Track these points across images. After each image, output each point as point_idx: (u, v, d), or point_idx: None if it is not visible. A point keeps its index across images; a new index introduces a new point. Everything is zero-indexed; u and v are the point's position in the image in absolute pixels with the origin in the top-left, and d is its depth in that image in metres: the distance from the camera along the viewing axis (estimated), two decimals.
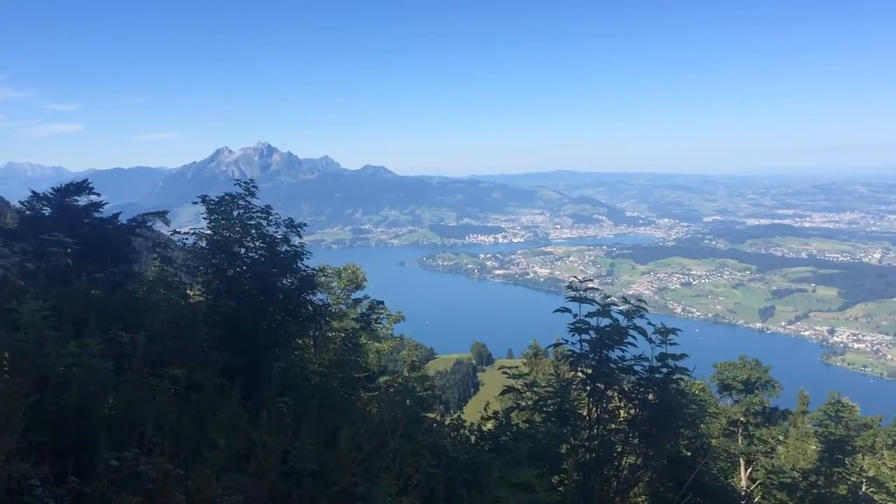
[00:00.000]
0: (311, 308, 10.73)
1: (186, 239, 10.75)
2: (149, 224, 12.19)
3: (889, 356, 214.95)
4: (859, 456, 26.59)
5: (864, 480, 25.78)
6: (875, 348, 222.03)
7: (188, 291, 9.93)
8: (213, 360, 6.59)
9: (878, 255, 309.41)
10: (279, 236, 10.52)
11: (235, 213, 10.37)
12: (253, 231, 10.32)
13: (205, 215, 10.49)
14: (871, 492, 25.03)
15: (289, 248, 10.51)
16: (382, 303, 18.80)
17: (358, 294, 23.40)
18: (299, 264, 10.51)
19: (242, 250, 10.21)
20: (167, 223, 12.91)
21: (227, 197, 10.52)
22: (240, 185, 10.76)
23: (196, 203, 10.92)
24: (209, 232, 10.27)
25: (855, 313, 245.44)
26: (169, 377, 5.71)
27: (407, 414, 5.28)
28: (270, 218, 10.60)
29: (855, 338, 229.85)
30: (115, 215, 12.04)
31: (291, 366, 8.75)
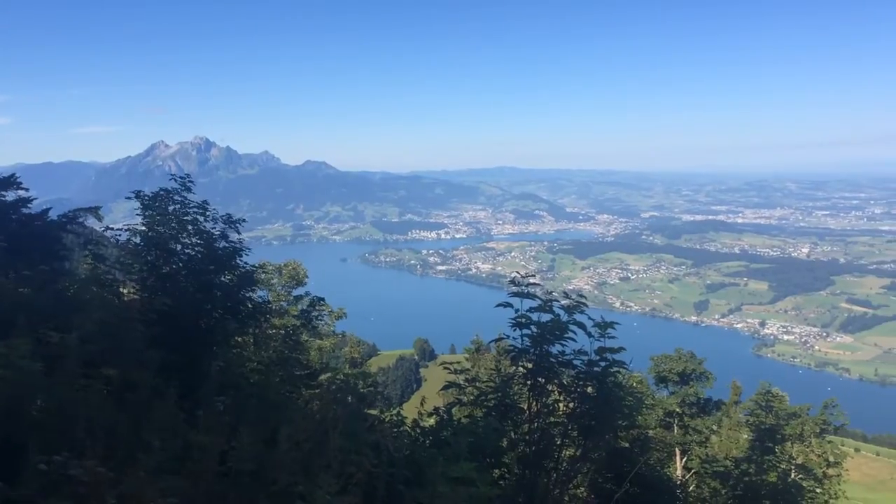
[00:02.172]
0: (250, 305, 10.56)
1: (120, 235, 10.47)
2: (80, 220, 11.81)
3: (817, 347, 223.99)
4: (788, 444, 27.61)
5: (793, 467, 26.77)
6: (803, 340, 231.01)
7: (122, 289, 9.66)
8: (148, 360, 6.43)
9: (806, 250, 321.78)
10: (217, 232, 10.32)
11: (171, 208, 10.14)
12: (189, 227, 10.08)
13: (139, 211, 10.23)
14: (800, 478, 26.02)
15: (227, 245, 10.31)
16: (323, 299, 18.63)
17: (299, 291, 23.15)
18: (238, 261, 10.33)
19: (179, 247, 9.98)
20: (100, 219, 12.53)
21: (161, 192, 10.27)
22: (175, 181, 10.52)
23: (130, 198, 10.62)
24: (144, 228, 10.02)
25: (784, 306, 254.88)
26: (102, 378, 5.55)
27: (348, 411, 5.26)
28: (207, 214, 10.37)
29: (784, 330, 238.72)
30: (45, 211, 11.62)
31: (230, 364, 8.60)
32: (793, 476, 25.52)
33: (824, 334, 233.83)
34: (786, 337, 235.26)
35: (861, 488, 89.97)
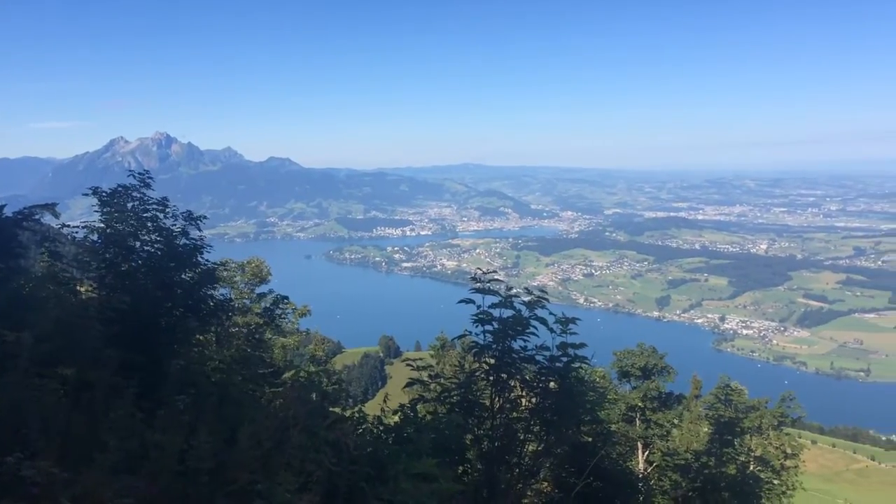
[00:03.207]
0: (212, 303, 10.45)
1: (77, 233, 10.27)
2: (37, 217, 11.55)
3: (775, 341, 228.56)
4: (747, 436, 28.16)
5: (751, 459, 27.32)
6: (762, 334, 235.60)
7: (79, 287, 9.48)
8: (106, 359, 6.33)
9: (764, 246, 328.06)
10: (177, 229, 10.18)
11: (130, 205, 9.98)
12: (149, 224, 9.94)
13: (97, 208, 10.04)
14: (758, 470, 26.56)
15: (188, 242, 10.19)
16: (287, 297, 18.49)
17: (263, 288, 22.92)
18: (199, 258, 10.21)
19: (137, 244, 9.83)
20: (57, 216, 12.26)
21: (120, 189, 10.11)
22: (134, 177, 10.36)
23: (87, 195, 10.43)
24: (102, 225, 9.84)
25: (743, 301, 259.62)
26: (58, 377, 5.45)
27: (309, 409, 5.23)
28: (167, 210, 10.24)
29: (743, 324, 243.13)
30: (0, 208, 11.35)
31: (191, 363, 8.51)
32: (751, 468, 26.03)
33: (782, 329, 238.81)
34: (745, 331, 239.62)
35: (818, 479, 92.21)
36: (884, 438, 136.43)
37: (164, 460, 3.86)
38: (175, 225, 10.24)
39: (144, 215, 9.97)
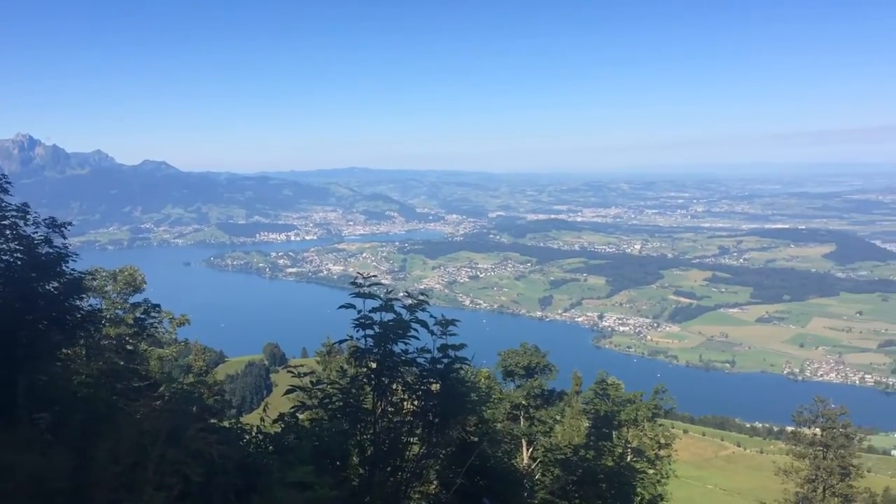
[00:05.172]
0: (79, 314, 9.95)
1: None
2: None
3: (649, 337, 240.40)
4: (624, 429, 29.46)
5: (628, 451, 28.58)
6: (637, 330, 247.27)
7: None
8: None
9: (638, 246, 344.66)
10: (39, 237, 9.65)
11: None
12: (7, 232, 9.38)
13: None
14: (634, 460, 27.81)
15: (51, 250, 9.67)
16: (159, 306, 17.83)
17: (138, 298, 21.99)
18: (64, 267, 9.71)
19: None
20: None
21: None
22: None
23: None
24: None
25: (620, 299, 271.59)
26: None
27: (175, 420, 5.07)
28: (28, 217, 9.70)
29: (620, 321, 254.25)
30: None
31: (55, 378, 8.06)
32: (628, 458, 27.21)
33: (655, 325, 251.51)
34: (622, 328, 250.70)
35: (690, 467, 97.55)
36: (748, 426, 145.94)
37: (16, 482, 3.64)
38: (37, 233, 9.72)
39: (2, 223, 9.40)
